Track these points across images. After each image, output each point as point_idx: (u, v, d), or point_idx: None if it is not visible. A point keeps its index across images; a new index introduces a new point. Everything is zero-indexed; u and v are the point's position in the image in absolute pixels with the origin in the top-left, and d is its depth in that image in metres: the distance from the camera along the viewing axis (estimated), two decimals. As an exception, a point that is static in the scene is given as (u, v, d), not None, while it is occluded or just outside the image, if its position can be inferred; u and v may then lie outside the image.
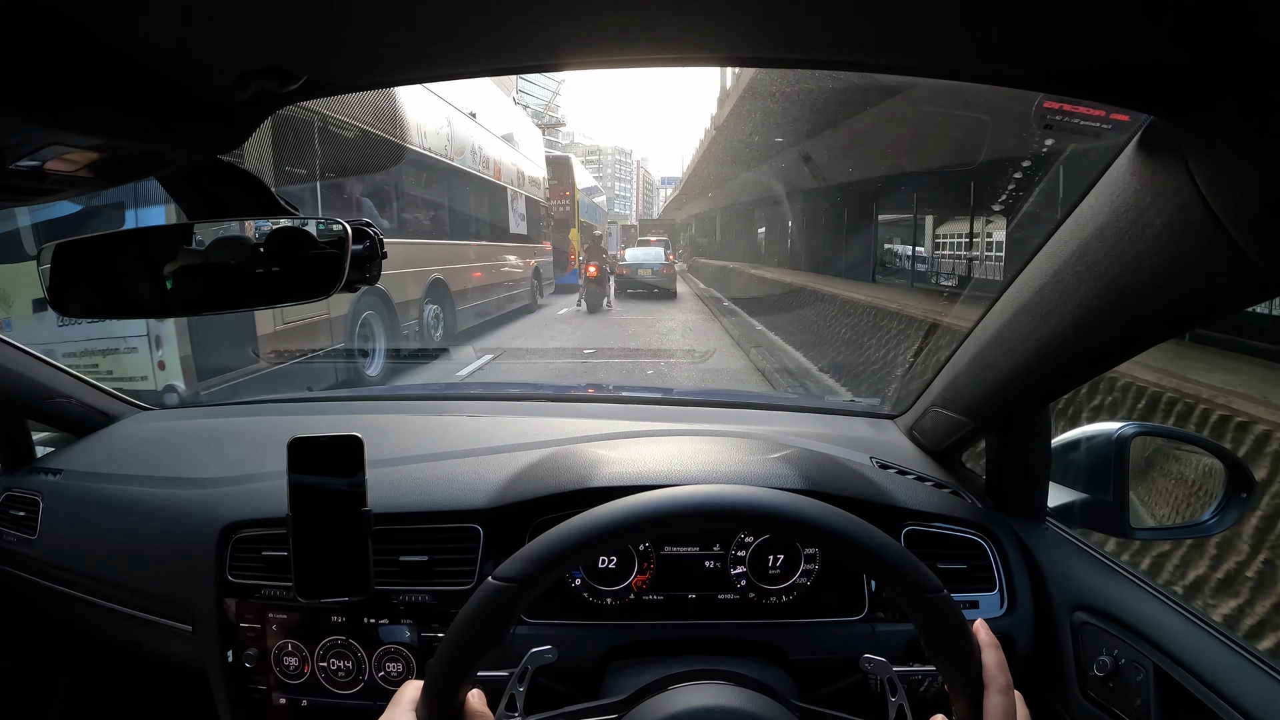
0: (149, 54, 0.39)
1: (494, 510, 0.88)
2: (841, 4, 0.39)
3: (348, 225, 0.56)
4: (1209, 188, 0.45)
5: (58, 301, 0.58)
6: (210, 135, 0.49)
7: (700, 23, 0.41)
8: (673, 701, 0.63)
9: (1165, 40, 0.38)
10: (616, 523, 0.56)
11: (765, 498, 0.58)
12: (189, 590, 0.92)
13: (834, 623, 0.86)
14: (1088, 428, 0.93)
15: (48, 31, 0.34)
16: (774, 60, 0.47)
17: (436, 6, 0.38)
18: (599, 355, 7.17)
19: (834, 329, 7.78)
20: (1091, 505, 0.91)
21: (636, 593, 0.87)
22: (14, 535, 1.09)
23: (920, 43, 0.43)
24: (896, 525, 0.88)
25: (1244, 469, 0.90)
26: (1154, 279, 0.54)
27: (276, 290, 0.60)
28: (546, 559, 0.55)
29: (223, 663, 0.89)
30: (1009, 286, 0.76)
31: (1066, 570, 0.86)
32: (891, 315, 6.54)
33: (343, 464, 0.81)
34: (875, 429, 1.21)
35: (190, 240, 0.59)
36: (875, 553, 0.56)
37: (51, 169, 0.46)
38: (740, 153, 16.34)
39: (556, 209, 14.52)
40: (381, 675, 0.86)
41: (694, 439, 1.04)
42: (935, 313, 5.62)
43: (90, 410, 1.24)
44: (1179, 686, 0.69)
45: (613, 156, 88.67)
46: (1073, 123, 1.67)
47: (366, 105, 5.30)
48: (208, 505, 0.96)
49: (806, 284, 10.66)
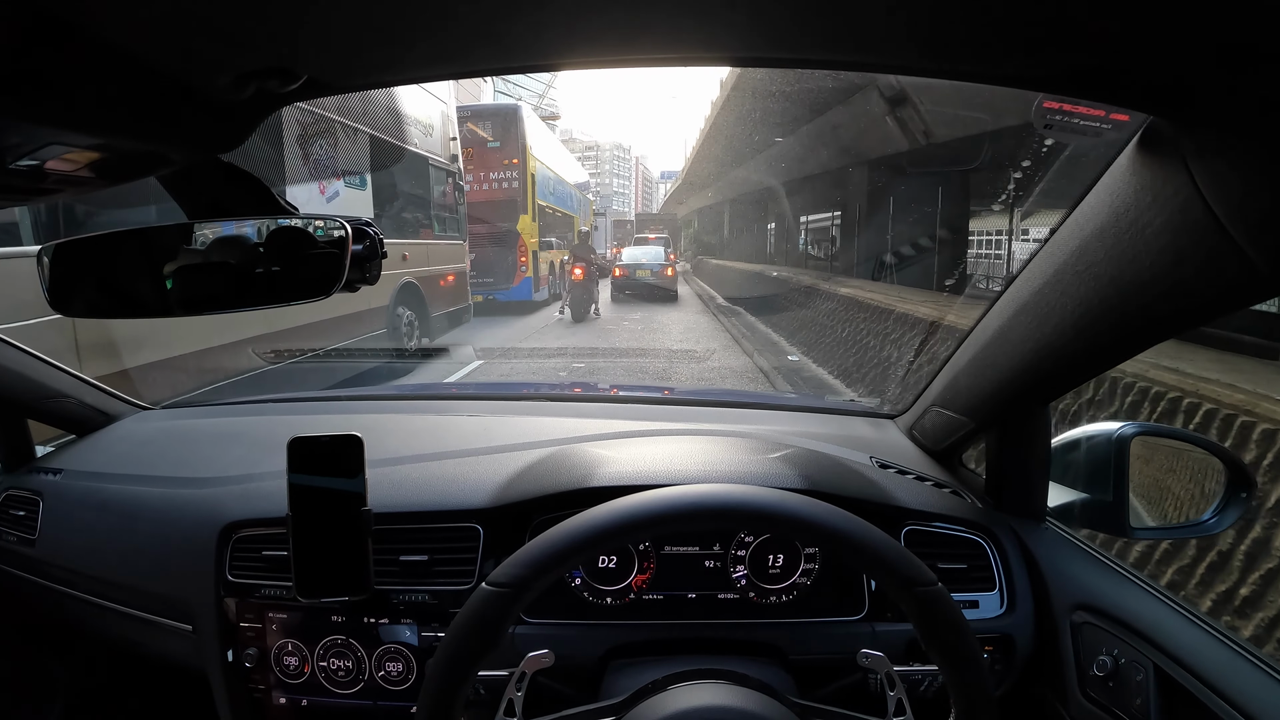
0: (149, 54, 0.39)
1: (494, 510, 0.88)
2: (841, 4, 0.39)
3: (348, 225, 0.56)
4: (1209, 188, 0.45)
5: (57, 301, 0.58)
6: (210, 135, 0.49)
7: (702, 22, 0.41)
8: (673, 701, 0.63)
9: (1165, 40, 0.38)
10: (609, 525, 0.56)
11: (761, 496, 0.59)
12: (189, 590, 0.92)
13: (834, 622, 0.86)
14: (1088, 428, 0.93)
15: (48, 31, 0.34)
16: (773, 60, 0.47)
17: (436, 6, 0.38)
18: (596, 355, 7.12)
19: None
20: (1091, 505, 0.91)
21: (636, 592, 0.87)
22: (14, 535, 1.09)
23: (920, 43, 0.43)
24: (897, 525, 0.88)
25: (1244, 469, 0.90)
26: (1154, 279, 0.54)
27: (277, 290, 0.60)
28: (541, 563, 0.55)
29: (223, 662, 0.89)
30: (1009, 286, 0.76)
31: (1066, 570, 0.86)
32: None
33: (343, 464, 0.81)
34: (875, 429, 1.21)
35: (190, 240, 0.59)
36: (870, 548, 0.57)
37: (51, 169, 0.46)
38: (756, 125, 12.93)
39: (496, 184, 10.23)
40: (381, 675, 0.86)
41: (694, 439, 1.04)
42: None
43: (90, 410, 1.24)
44: (1179, 686, 0.69)
45: (611, 153, 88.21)
46: (1073, 123, 1.67)
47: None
48: (208, 505, 0.96)
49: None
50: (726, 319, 10.30)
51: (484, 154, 10.17)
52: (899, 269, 9.84)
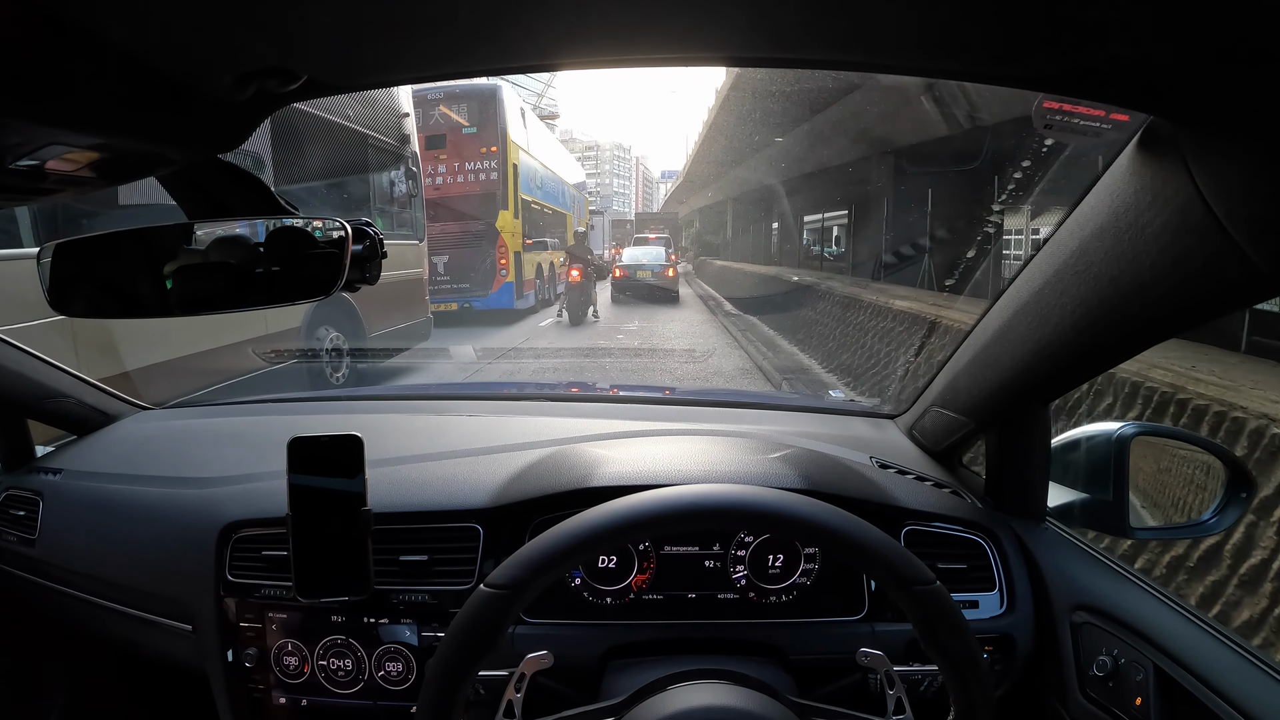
0: (149, 54, 0.39)
1: (494, 510, 0.88)
2: (841, 4, 0.39)
3: (348, 225, 0.56)
4: (1209, 188, 0.45)
5: (57, 301, 0.58)
6: (210, 135, 0.49)
7: (701, 21, 0.41)
8: (672, 701, 0.63)
9: (1165, 40, 0.38)
10: (608, 526, 0.56)
11: (761, 496, 0.59)
12: (189, 590, 0.92)
13: (834, 622, 0.86)
14: (1088, 428, 0.93)
15: (48, 31, 0.34)
16: (772, 60, 0.47)
17: (437, 7, 0.38)
18: (596, 355, 7.11)
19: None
20: (1091, 505, 0.91)
21: (636, 592, 0.87)
22: (14, 535, 1.09)
23: (921, 43, 0.43)
24: (897, 525, 0.88)
25: (1244, 468, 0.90)
26: (1154, 279, 0.54)
27: (277, 290, 0.60)
28: (540, 564, 0.55)
29: (223, 662, 0.89)
30: (1009, 286, 0.76)
31: (1066, 570, 0.86)
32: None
33: (343, 464, 0.81)
34: (875, 429, 1.21)
35: (190, 240, 0.59)
36: (870, 548, 0.57)
37: (51, 168, 0.46)
38: (766, 116, 11.66)
39: (473, 175, 9.14)
40: (381, 675, 0.86)
41: (694, 439, 1.04)
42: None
43: (90, 410, 1.24)
44: (1179, 686, 0.69)
45: (611, 153, 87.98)
46: (1073, 123, 1.67)
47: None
48: (208, 505, 0.96)
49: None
50: (736, 329, 9.30)
51: (459, 141, 9.14)
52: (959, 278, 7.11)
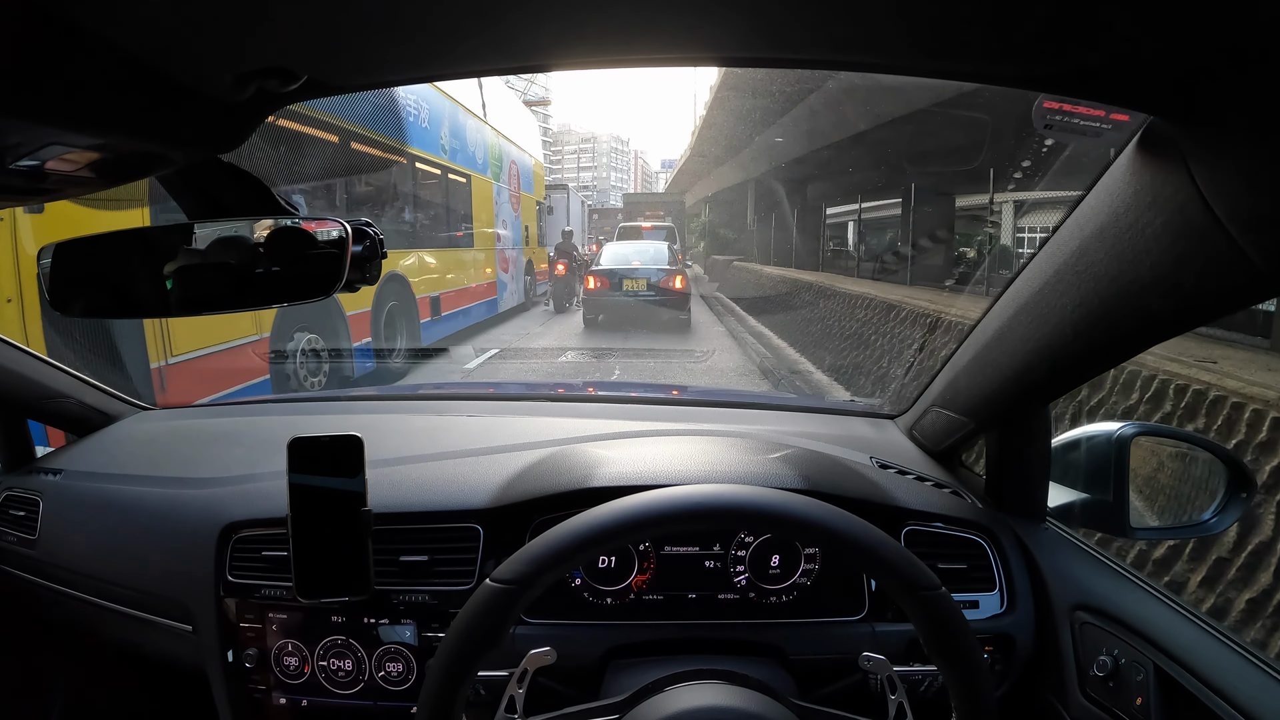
0: (149, 54, 0.39)
1: (494, 510, 0.88)
2: (841, 4, 0.39)
3: (348, 225, 0.56)
4: (1209, 188, 0.45)
5: (58, 301, 0.58)
6: (210, 135, 0.49)
7: (700, 21, 0.41)
8: (672, 701, 0.63)
9: (1165, 40, 0.38)
10: (612, 525, 0.56)
11: (762, 496, 0.59)
12: (189, 590, 0.92)
13: (834, 623, 0.86)
14: (1088, 428, 0.93)
15: (47, 31, 0.34)
16: (772, 60, 0.47)
17: (436, 7, 0.38)
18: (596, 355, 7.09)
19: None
20: (1091, 505, 0.91)
21: (636, 592, 0.87)
22: (14, 535, 1.09)
23: (921, 43, 0.43)
24: (897, 525, 0.88)
25: (1244, 468, 0.90)
26: (1154, 279, 0.54)
27: (276, 290, 0.60)
28: (544, 561, 0.55)
29: (223, 663, 0.89)
30: (1009, 286, 0.76)
31: (1066, 570, 0.86)
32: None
33: (343, 464, 0.81)
34: (875, 429, 1.21)
35: (190, 240, 0.59)
36: (871, 549, 0.57)
37: (51, 169, 0.46)
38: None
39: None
40: (381, 675, 0.86)
41: (694, 439, 1.04)
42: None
43: (90, 410, 1.24)
44: (1179, 686, 0.69)
45: (608, 144, 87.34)
46: (1073, 123, 1.67)
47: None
48: (208, 505, 0.96)
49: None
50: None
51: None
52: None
